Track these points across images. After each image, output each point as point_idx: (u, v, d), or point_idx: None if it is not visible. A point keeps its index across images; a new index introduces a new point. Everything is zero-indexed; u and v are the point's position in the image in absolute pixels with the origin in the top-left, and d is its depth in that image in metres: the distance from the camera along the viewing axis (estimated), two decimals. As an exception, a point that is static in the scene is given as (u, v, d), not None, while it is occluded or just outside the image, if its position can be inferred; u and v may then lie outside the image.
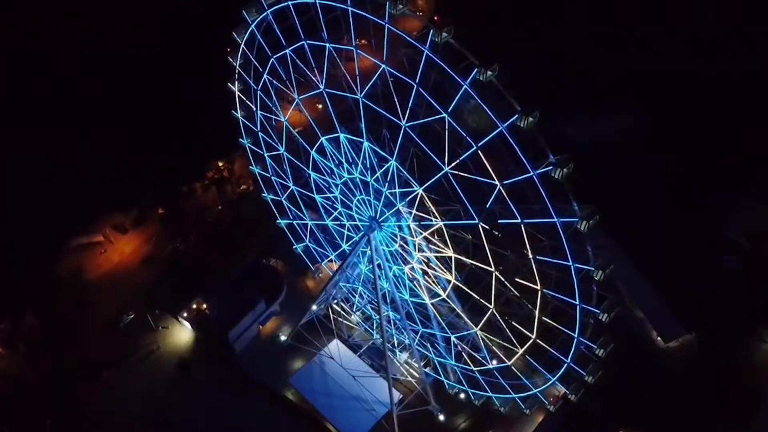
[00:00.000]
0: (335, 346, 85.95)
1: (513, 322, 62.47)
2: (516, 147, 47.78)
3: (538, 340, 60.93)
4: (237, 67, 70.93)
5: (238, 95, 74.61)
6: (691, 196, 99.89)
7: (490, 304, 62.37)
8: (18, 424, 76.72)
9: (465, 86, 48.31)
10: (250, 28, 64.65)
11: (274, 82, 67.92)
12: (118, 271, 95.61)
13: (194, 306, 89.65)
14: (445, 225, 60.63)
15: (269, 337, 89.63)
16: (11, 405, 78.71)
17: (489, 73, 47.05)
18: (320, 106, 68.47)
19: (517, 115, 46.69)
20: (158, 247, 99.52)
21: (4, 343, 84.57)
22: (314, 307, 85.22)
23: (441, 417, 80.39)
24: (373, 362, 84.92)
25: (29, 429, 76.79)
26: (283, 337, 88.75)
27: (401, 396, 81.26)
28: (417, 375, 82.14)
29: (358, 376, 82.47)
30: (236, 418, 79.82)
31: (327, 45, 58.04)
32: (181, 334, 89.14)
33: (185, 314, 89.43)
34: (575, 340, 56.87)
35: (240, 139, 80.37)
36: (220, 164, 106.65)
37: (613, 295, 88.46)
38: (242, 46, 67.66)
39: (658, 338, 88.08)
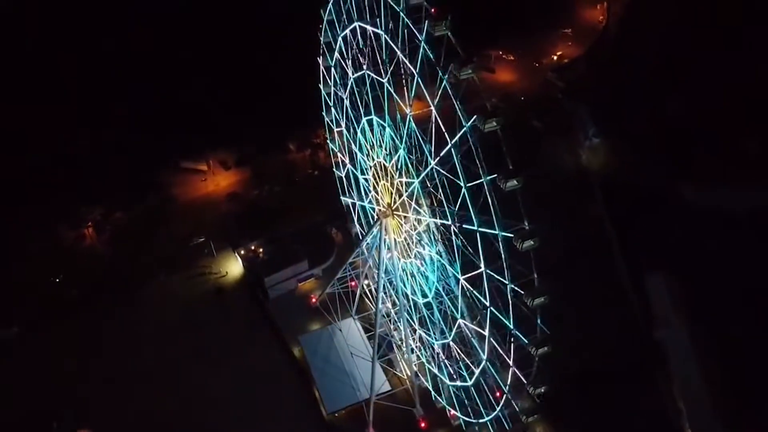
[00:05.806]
0: (349, 323, 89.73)
1: (473, 339, 61.25)
2: (474, 150, 48.01)
3: (487, 363, 59.17)
4: (322, 43, 78.65)
5: (323, 71, 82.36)
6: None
7: (458, 314, 61.86)
8: (88, 290, 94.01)
9: (421, 42, 49.50)
10: (328, 7, 71.76)
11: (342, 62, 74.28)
12: (208, 198, 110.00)
13: (252, 247, 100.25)
14: (430, 223, 61.62)
15: (303, 296, 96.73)
16: (90, 276, 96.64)
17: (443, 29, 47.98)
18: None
19: (475, 117, 46.95)
20: (246, 189, 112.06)
21: (96, 227, 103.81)
22: (364, 280, 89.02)
23: (422, 424, 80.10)
24: (379, 349, 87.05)
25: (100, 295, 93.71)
26: (313, 300, 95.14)
27: (390, 388, 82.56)
28: (408, 373, 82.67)
29: (356, 355, 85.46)
30: (246, 354, 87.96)
31: (370, 29, 62.76)
32: (234, 267, 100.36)
33: (242, 252, 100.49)
34: (510, 369, 54.47)
35: (322, 113, 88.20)
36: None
37: (660, 375, 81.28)
38: (325, 23, 75.18)
39: (692, 439, 77.31)
